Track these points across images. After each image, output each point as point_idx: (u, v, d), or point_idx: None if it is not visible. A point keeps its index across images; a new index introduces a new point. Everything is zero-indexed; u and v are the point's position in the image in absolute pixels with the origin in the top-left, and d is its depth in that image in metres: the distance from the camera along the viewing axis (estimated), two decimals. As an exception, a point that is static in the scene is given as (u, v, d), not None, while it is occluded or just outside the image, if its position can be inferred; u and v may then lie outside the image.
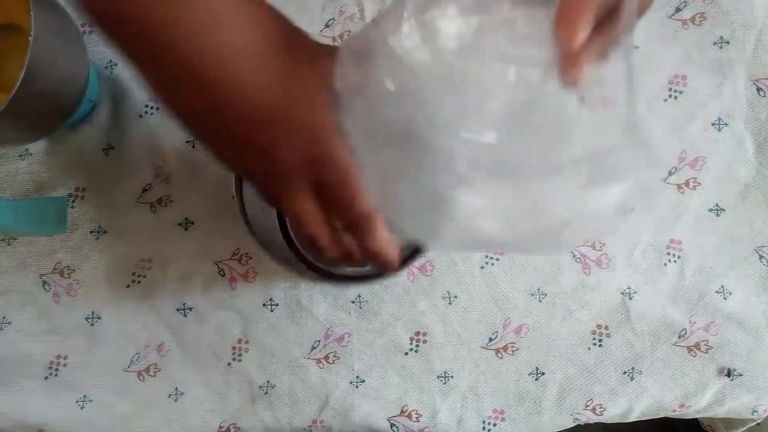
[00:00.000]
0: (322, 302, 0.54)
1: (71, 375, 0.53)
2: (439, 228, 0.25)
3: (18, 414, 0.53)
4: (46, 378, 0.53)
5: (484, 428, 0.54)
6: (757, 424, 0.56)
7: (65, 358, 0.53)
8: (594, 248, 0.53)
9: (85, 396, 0.53)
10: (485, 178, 0.23)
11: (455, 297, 0.54)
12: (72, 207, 0.53)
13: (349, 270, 0.49)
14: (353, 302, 0.54)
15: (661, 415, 0.55)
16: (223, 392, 0.54)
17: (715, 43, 0.54)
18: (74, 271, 0.53)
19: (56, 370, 0.53)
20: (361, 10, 0.53)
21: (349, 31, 0.54)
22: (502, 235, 0.24)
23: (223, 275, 0.53)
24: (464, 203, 0.23)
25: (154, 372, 0.53)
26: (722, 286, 0.53)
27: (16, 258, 0.53)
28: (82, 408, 0.53)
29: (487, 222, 0.24)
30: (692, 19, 0.54)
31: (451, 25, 0.23)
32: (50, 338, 0.53)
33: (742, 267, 0.54)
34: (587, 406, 0.54)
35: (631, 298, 0.53)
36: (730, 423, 0.60)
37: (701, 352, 0.53)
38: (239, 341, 0.53)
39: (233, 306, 0.53)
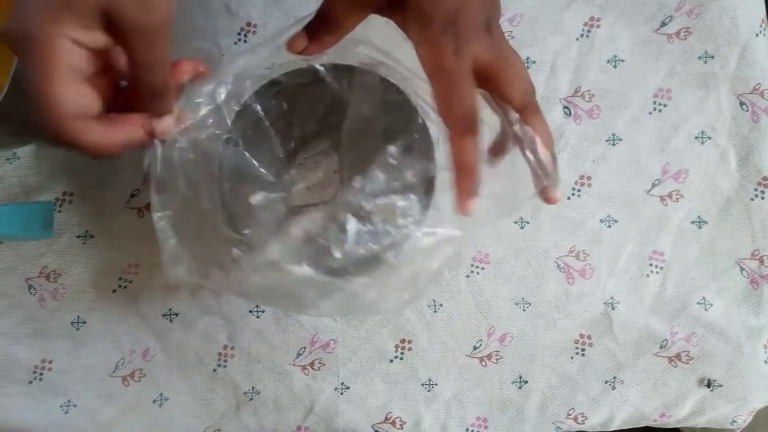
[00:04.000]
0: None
1: (56, 379, 0.53)
2: None
3: (1, 418, 0.53)
4: (30, 382, 0.53)
5: (467, 436, 0.54)
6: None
7: (50, 362, 0.53)
8: (578, 259, 0.54)
9: (69, 401, 0.53)
10: None
11: (440, 305, 0.54)
12: (59, 211, 0.54)
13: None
14: (339, 309, 0.54)
15: (642, 424, 0.55)
16: (208, 398, 0.54)
17: (699, 58, 0.55)
18: (60, 275, 0.53)
19: (41, 374, 0.53)
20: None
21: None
22: None
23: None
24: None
25: (139, 377, 0.54)
26: (703, 298, 0.54)
27: (2, 262, 0.53)
28: (66, 413, 0.53)
29: None
30: (677, 34, 0.54)
31: None
32: (35, 342, 0.53)
33: (723, 279, 0.54)
34: (569, 414, 0.54)
35: (613, 308, 0.54)
36: (710, 432, 0.61)
37: (682, 362, 0.54)
38: (225, 347, 0.54)
39: (219, 312, 0.53)
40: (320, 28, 0.37)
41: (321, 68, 0.42)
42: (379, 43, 0.40)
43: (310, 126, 0.48)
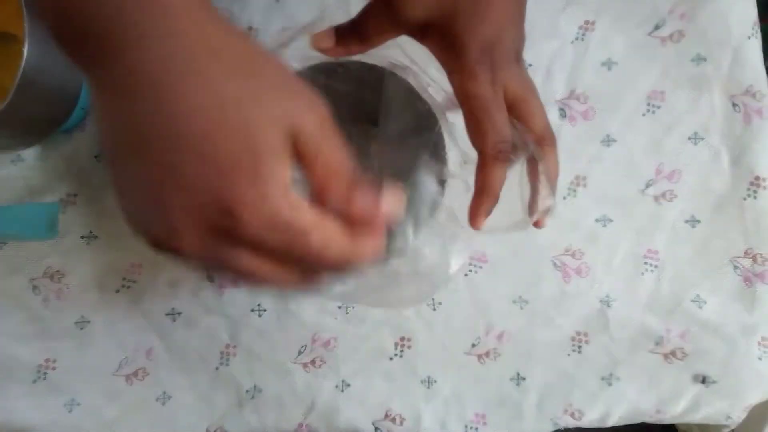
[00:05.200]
0: (309, 308, 0.55)
1: (60, 379, 0.54)
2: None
3: (5, 418, 0.54)
4: (34, 382, 0.54)
5: (466, 432, 0.55)
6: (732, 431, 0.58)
7: (54, 362, 0.54)
8: (574, 257, 0.55)
9: (73, 400, 0.54)
10: None
11: (439, 303, 0.55)
12: (63, 212, 0.54)
13: None
14: (340, 308, 0.55)
15: (639, 420, 0.56)
16: (211, 396, 0.54)
17: (692, 60, 0.55)
18: (64, 275, 0.54)
19: (45, 374, 0.54)
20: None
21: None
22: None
23: (213, 281, 0.54)
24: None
25: (143, 376, 0.54)
26: (697, 296, 0.55)
27: (7, 262, 0.54)
28: (70, 412, 0.54)
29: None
30: (670, 37, 0.55)
31: None
32: (39, 342, 0.54)
33: (716, 277, 0.55)
34: (566, 411, 0.55)
35: (609, 306, 0.55)
36: (706, 428, 0.61)
37: (677, 359, 0.55)
38: (227, 346, 0.54)
39: (222, 311, 0.54)
40: (350, 35, 0.37)
41: (344, 65, 0.42)
42: (409, 49, 0.40)
43: None
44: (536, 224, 0.37)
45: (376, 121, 0.47)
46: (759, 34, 0.56)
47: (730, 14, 0.55)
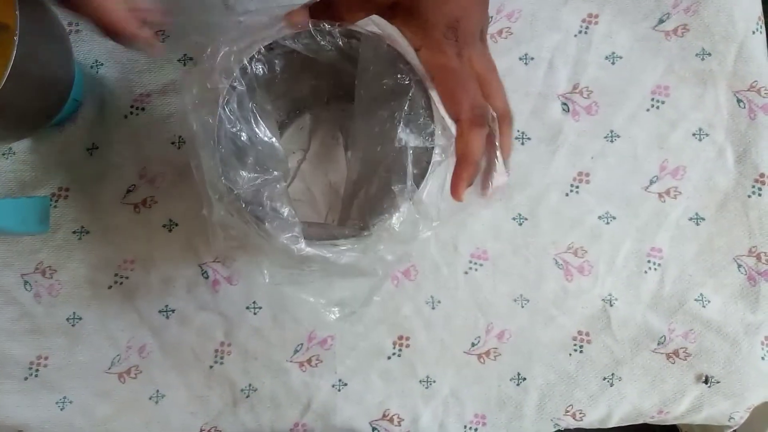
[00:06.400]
0: (306, 305, 0.54)
1: (52, 376, 0.53)
2: None
3: (-3, 414, 0.53)
4: (26, 378, 0.53)
5: (465, 433, 0.54)
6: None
7: (46, 358, 0.53)
8: (576, 255, 0.54)
9: (65, 397, 0.53)
10: None
11: (439, 302, 0.54)
12: (55, 206, 0.53)
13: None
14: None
15: (640, 421, 0.55)
16: (205, 395, 0.53)
17: (697, 55, 0.55)
18: (56, 271, 0.53)
19: (36, 370, 0.53)
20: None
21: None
22: None
23: (207, 277, 0.53)
24: None
25: (135, 374, 0.53)
26: (701, 294, 0.54)
27: (-2, 257, 0.53)
28: (62, 409, 0.53)
29: None
30: (675, 31, 0.55)
31: None
32: (31, 339, 0.53)
33: (720, 276, 0.54)
34: (567, 411, 0.54)
35: (612, 305, 0.54)
36: (708, 429, 0.61)
37: (680, 359, 0.54)
38: (222, 344, 0.53)
39: (216, 308, 0.53)
40: (322, 14, 0.38)
41: (322, 34, 0.41)
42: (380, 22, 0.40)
43: (304, 91, 0.48)
44: (487, 192, 0.39)
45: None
46: (764, 29, 0.55)
47: (735, 9, 0.54)
